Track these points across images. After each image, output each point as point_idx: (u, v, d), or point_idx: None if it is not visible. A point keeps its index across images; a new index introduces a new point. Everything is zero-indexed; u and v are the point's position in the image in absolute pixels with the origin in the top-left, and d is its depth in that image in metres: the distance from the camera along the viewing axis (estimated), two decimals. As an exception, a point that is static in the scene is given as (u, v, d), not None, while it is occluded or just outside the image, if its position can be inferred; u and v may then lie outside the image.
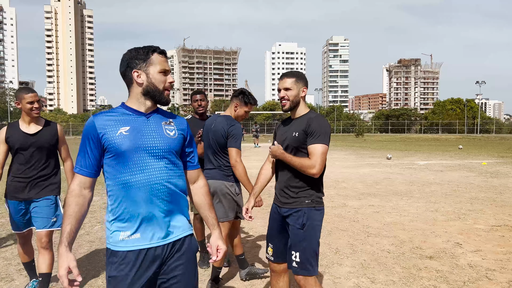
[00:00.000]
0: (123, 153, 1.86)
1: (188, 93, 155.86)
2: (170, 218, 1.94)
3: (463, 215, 6.96)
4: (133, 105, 1.96)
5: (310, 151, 2.66)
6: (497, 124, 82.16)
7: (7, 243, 5.44)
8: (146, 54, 1.93)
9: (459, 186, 10.29)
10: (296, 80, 2.83)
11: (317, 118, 2.75)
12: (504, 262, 4.58)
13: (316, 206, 2.75)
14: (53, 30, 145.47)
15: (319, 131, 2.67)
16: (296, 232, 2.72)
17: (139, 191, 1.86)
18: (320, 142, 2.65)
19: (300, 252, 2.70)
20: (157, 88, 1.94)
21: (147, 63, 1.93)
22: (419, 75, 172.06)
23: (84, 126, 1.95)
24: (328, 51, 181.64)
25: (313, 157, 2.64)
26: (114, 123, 1.89)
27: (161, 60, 1.95)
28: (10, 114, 71.15)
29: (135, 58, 1.93)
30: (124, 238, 1.87)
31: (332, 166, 15.35)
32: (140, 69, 1.92)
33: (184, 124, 2.10)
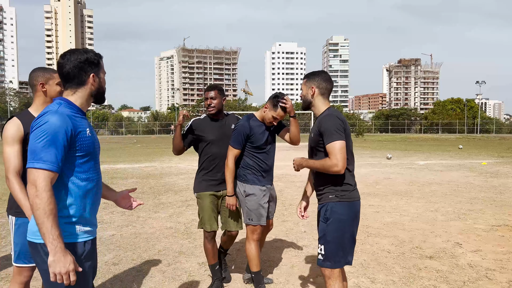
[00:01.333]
0: (91, 153, 2.05)
1: (188, 93, 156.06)
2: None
3: (463, 215, 6.96)
4: (81, 105, 2.09)
5: (328, 151, 2.72)
6: (497, 124, 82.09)
7: (7, 243, 5.43)
8: (96, 61, 2.11)
9: (459, 186, 10.29)
10: (306, 80, 2.98)
11: (324, 117, 2.82)
12: (504, 262, 4.58)
13: (341, 200, 2.79)
14: (53, 30, 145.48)
15: (329, 130, 2.72)
16: (321, 226, 2.84)
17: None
18: (333, 140, 2.69)
19: (324, 245, 2.79)
20: (103, 88, 2.17)
21: (98, 68, 2.12)
22: (419, 75, 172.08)
23: (54, 120, 1.89)
24: (328, 51, 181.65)
25: (332, 155, 2.69)
26: (81, 123, 2.03)
27: (103, 65, 2.17)
28: (10, 114, 71.11)
29: (89, 61, 2.09)
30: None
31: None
32: (95, 73, 2.10)
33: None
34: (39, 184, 1.81)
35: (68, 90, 2.07)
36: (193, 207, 7.71)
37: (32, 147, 1.87)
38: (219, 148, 3.73)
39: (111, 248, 5.09)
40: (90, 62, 2.08)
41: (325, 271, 2.80)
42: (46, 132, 1.86)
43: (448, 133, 70.96)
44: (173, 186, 10.47)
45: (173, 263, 4.57)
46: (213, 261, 3.85)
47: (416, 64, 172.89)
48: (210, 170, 3.76)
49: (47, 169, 1.83)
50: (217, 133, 3.76)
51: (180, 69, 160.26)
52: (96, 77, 2.10)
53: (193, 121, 3.90)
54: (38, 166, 1.83)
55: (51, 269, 1.81)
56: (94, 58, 2.10)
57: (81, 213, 2.01)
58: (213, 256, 3.84)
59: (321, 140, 2.79)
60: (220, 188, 3.76)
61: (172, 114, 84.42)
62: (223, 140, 3.73)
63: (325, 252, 2.78)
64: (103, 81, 2.16)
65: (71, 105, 2.04)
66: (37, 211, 1.79)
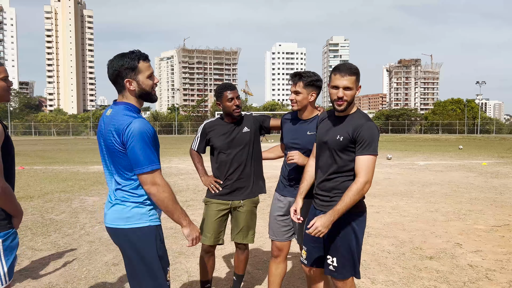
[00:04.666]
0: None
1: (188, 93, 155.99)
2: None
3: (463, 216, 6.96)
4: (137, 104, 2.31)
5: (361, 163, 2.46)
6: (497, 124, 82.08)
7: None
8: (135, 65, 2.22)
9: (459, 186, 10.29)
10: (356, 78, 2.55)
11: (367, 125, 2.51)
12: (504, 262, 4.58)
13: (358, 211, 2.58)
14: (53, 30, 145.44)
15: (370, 140, 2.47)
16: (332, 237, 2.60)
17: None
18: (371, 153, 2.46)
19: (337, 257, 2.60)
20: (146, 90, 2.28)
21: (138, 72, 2.23)
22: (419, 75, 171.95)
23: (145, 129, 2.16)
24: (328, 51, 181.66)
25: (364, 170, 2.45)
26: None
27: (147, 66, 2.25)
28: (10, 114, 71.11)
29: (124, 67, 2.21)
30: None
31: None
32: (131, 77, 2.23)
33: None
34: (159, 182, 2.19)
35: (119, 93, 2.30)
36: (193, 207, 7.71)
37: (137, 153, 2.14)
38: (227, 155, 3.37)
39: (111, 248, 5.09)
40: (125, 68, 2.21)
41: (338, 283, 2.64)
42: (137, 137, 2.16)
43: (448, 134, 70.93)
44: (173, 186, 10.47)
45: (173, 263, 4.57)
46: (205, 278, 3.51)
47: (416, 65, 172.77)
48: (220, 178, 3.42)
49: (158, 168, 2.20)
50: (224, 138, 3.38)
51: (180, 69, 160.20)
52: (133, 82, 2.23)
53: (205, 124, 3.54)
54: (151, 168, 2.16)
55: (190, 237, 2.31)
56: (130, 63, 2.21)
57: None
58: (206, 272, 3.49)
59: (350, 146, 2.53)
60: (230, 199, 3.40)
61: (172, 114, 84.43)
62: (231, 146, 3.36)
63: (337, 265, 2.60)
64: (143, 83, 2.25)
65: (130, 107, 2.26)
66: (169, 202, 2.22)
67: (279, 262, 3.20)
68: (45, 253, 5.00)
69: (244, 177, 3.40)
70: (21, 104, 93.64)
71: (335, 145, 2.57)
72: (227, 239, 3.86)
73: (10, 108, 75.70)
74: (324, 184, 2.65)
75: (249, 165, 3.40)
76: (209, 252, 3.45)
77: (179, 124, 77.88)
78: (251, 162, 3.41)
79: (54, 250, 5.11)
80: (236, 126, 3.40)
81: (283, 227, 3.18)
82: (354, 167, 2.54)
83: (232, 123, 3.42)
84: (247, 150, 3.39)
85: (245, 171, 3.39)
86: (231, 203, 3.41)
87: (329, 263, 2.63)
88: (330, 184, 2.62)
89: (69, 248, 5.20)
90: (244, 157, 3.38)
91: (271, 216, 3.25)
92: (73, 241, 5.52)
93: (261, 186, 3.53)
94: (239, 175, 3.38)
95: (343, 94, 2.52)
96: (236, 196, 3.40)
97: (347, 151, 2.55)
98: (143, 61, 2.23)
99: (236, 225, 3.45)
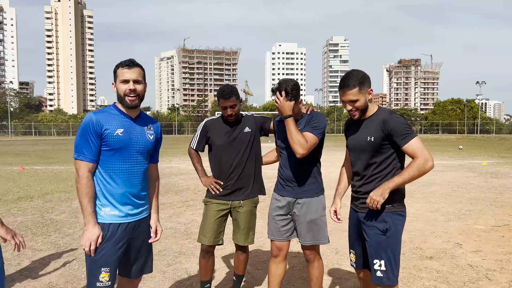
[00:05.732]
0: (118, 148, 2.41)
1: (188, 93, 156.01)
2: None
3: (463, 216, 6.96)
4: (121, 108, 2.50)
5: (411, 149, 2.47)
6: (497, 124, 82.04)
7: (7, 243, 5.43)
8: (115, 70, 2.45)
9: (459, 186, 10.29)
10: (359, 88, 2.56)
11: (390, 118, 2.54)
12: (504, 262, 4.58)
13: (398, 210, 2.58)
14: (53, 30, 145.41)
15: (402, 128, 2.50)
16: (378, 240, 2.55)
17: (122, 176, 2.44)
18: (413, 137, 2.48)
19: (384, 260, 2.54)
20: (120, 95, 2.44)
21: (115, 76, 2.45)
22: (419, 75, 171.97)
23: (84, 120, 2.37)
24: (328, 51, 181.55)
25: (419, 151, 2.45)
26: (113, 123, 2.42)
27: (121, 72, 2.42)
28: (10, 114, 71.11)
29: (114, 73, 2.47)
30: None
31: (332, 166, 15.33)
32: (114, 82, 2.47)
33: (159, 128, 2.69)
34: (79, 173, 2.35)
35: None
36: (193, 207, 7.71)
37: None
38: (227, 155, 3.33)
39: (111, 249, 5.08)
40: (114, 72, 2.46)
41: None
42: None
43: (448, 134, 70.93)
44: (173, 186, 10.47)
45: (173, 264, 4.57)
46: (204, 278, 3.49)
47: (416, 65, 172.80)
48: (220, 178, 3.39)
49: (81, 159, 2.38)
50: (225, 138, 3.35)
51: (180, 69, 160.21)
52: (114, 86, 2.47)
53: (206, 121, 3.50)
54: (75, 156, 2.38)
55: (81, 241, 2.36)
56: (114, 69, 2.46)
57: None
58: (206, 272, 3.47)
59: (385, 143, 2.55)
60: (230, 199, 3.37)
61: (172, 114, 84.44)
62: (232, 146, 3.33)
63: (386, 268, 2.52)
64: (118, 88, 2.44)
65: (112, 107, 2.50)
66: (80, 195, 2.37)
67: (279, 262, 3.19)
68: (45, 253, 5.01)
69: (244, 178, 3.38)
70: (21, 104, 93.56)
71: (368, 147, 2.60)
72: (227, 240, 3.86)
73: (10, 108, 75.68)
74: (364, 187, 2.66)
75: (249, 166, 3.39)
76: (208, 252, 3.42)
77: (179, 124, 77.87)
78: (251, 162, 3.40)
79: (54, 250, 5.11)
80: (237, 126, 3.38)
81: (282, 227, 3.16)
82: (390, 164, 2.59)
83: (233, 122, 3.39)
84: (248, 150, 3.37)
85: (245, 172, 3.37)
86: (231, 204, 3.39)
87: (376, 268, 2.55)
88: (370, 186, 2.63)
89: (69, 248, 5.20)
90: (245, 157, 3.36)
91: (270, 216, 3.23)
92: (73, 241, 5.52)
93: (261, 187, 3.52)
94: (239, 176, 3.35)
95: (351, 107, 2.61)
96: (236, 196, 3.38)
97: (381, 149, 2.57)
98: (121, 68, 2.42)
99: (237, 226, 3.44)
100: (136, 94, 2.43)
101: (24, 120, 78.23)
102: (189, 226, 6.28)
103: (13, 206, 7.86)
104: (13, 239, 2.28)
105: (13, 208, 7.72)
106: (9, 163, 17.51)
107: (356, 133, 2.69)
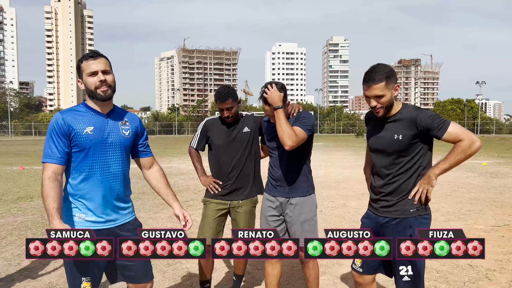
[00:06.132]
0: (89, 148, 2.25)
1: (188, 93, 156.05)
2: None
3: (463, 216, 6.96)
4: (91, 105, 2.33)
5: (453, 136, 2.37)
6: (497, 124, 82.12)
7: (7, 243, 5.44)
8: (78, 66, 2.30)
9: (459, 186, 10.29)
10: (386, 82, 2.42)
11: (420, 113, 2.44)
12: (504, 262, 4.59)
13: (422, 214, 2.47)
14: (53, 30, 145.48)
15: (435, 120, 2.40)
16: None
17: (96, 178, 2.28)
18: (448, 125, 2.38)
19: (412, 265, 2.42)
20: (90, 89, 2.27)
21: (80, 72, 2.30)
22: (419, 75, 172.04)
23: (51, 121, 2.25)
24: (328, 51, 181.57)
25: (462, 135, 2.37)
26: (81, 121, 2.26)
27: (87, 65, 2.26)
28: (10, 114, 71.12)
29: (77, 69, 2.32)
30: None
31: (332, 166, 15.34)
32: (81, 78, 2.31)
33: (137, 122, 2.50)
34: (44, 175, 2.22)
35: None
36: (193, 207, 7.71)
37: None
38: (226, 155, 3.34)
39: (111, 249, 5.08)
40: (77, 69, 2.32)
41: None
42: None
43: (448, 134, 70.89)
44: (173, 186, 10.41)
45: (173, 264, 4.57)
46: (204, 278, 3.50)
47: (416, 65, 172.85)
48: (219, 178, 3.40)
49: (47, 162, 2.25)
50: (224, 138, 3.35)
51: (180, 69, 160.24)
52: (81, 82, 2.32)
53: (206, 121, 3.52)
54: (43, 160, 2.25)
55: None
56: (76, 65, 2.32)
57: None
58: (205, 272, 3.48)
59: (416, 141, 2.44)
60: (229, 199, 3.39)
61: (172, 114, 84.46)
62: (231, 146, 3.33)
63: (413, 273, 2.43)
64: (88, 83, 2.27)
65: (81, 105, 2.35)
66: (43, 196, 2.19)
67: (274, 262, 3.15)
68: (45, 253, 5.00)
69: (243, 178, 3.38)
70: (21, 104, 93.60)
71: (395, 145, 2.47)
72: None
73: (10, 108, 75.68)
74: (386, 188, 2.54)
75: (248, 165, 3.39)
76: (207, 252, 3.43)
77: (179, 124, 77.89)
78: (250, 162, 3.40)
79: None
80: (236, 126, 3.38)
81: (276, 228, 3.12)
82: (415, 163, 2.48)
83: (232, 122, 3.38)
84: (247, 150, 3.37)
85: (244, 171, 3.37)
86: (229, 203, 3.40)
87: (403, 274, 2.44)
88: (392, 187, 2.52)
89: (69, 248, 5.19)
90: (244, 157, 3.36)
91: (262, 216, 3.20)
92: (73, 241, 5.51)
93: (260, 187, 3.51)
94: (238, 175, 3.35)
95: (376, 103, 2.46)
96: (235, 196, 3.39)
97: (409, 147, 2.46)
98: (86, 61, 2.26)
99: (236, 226, 3.44)
100: (107, 84, 2.26)
101: (24, 120, 78.29)
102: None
103: (13, 206, 7.87)
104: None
105: (13, 208, 7.73)
106: (9, 163, 17.52)
107: (381, 132, 2.56)
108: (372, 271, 2.68)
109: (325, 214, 6.99)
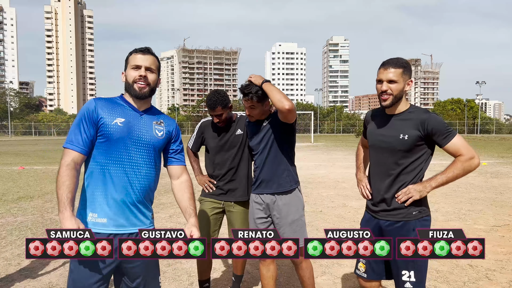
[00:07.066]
0: (115, 140, 2.09)
1: (188, 93, 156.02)
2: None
3: (463, 215, 6.96)
4: (128, 99, 2.21)
5: (455, 148, 2.39)
6: (497, 124, 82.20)
7: (7, 243, 5.44)
8: (127, 58, 2.20)
9: (459, 186, 10.28)
10: (403, 71, 2.38)
11: (430, 117, 2.39)
12: (504, 262, 4.59)
13: (424, 216, 2.44)
14: (53, 30, 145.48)
15: (443, 127, 2.37)
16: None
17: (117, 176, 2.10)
18: (453, 136, 2.37)
19: (415, 271, 2.39)
20: (128, 82, 2.16)
21: (126, 64, 2.20)
22: (419, 75, 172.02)
23: (84, 106, 2.12)
24: (328, 51, 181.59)
25: (463, 149, 2.36)
26: (114, 111, 2.13)
27: (134, 58, 2.16)
28: (10, 114, 71.12)
29: (125, 60, 2.22)
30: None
31: (332, 167, 15.34)
32: (125, 70, 2.21)
33: (173, 125, 2.35)
34: (61, 161, 2.10)
35: None
36: (193, 207, 7.70)
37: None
38: (220, 157, 3.38)
39: (111, 249, 5.08)
40: (125, 60, 2.21)
41: None
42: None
43: (448, 134, 70.91)
44: (173, 186, 10.46)
45: (173, 264, 4.57)
46: (202, 277, 3.52)
47: (416, 65, 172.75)
48: (213, 179, 3.45)
49: (68, 148, 2.14)
50: (217, 141, 3.39)
51: (180, 69, 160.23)
52: (124, 75, 2.21)
53: (202, 123, 3.56)
54: (64, 144, 2.13)
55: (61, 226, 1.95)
56: (127, 56, 2.20)
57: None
58: (203, 270, 3.51)
59: (420, 143, 2.40)
60: (223, 199, 3.42)
61: (172, 114, 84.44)
62: (223, 149, 3.37)
63: (416, 279, 2.39)
64: (128, 76, 2.17)
65: (119, 98, 2.24)
66: (56, 183, 2.05)
67: (269, 264, 3.12)
68: (45, 253, 5.00)
69: (237, 179, 3.40)
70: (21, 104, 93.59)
71: (399, 145, 2.40)
72: (227, 239, 3.86)
73: (10, 108, 75.68)
74: (387, 190, 2.47)
75: (241, 168, 3.40)
76: None
77: (179, 124, 77.92)
78: (244, 164, 3.41)
79: (54, 250, 5.10)
80: (229, 129, 3.40)
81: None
82: (416, 169, 2.43)
83: (225, 126, 3.39)
84: (240, 152, 3.38)
85: (238, 174, 3.39)
86: (223, 203, 3.44)
87: (405, 279, 2.40)
88: (393, 189, 2.45)
89: (69, 248, 5.19)
90: (237, 160, 3.38)
91: (251, 219, 3.17)
92: (73, 241, 5.51)
93: None
94: (231, 177, 3.39)
95: (387, 87, 2.38)
96: (228, 197, 3.42)
97: (413, 149, 2.41)
98: (134, 53, 2.16)
99: (232, 226, 3.46)
100: (147, 82, 2.13)
101: (24, 120, 78.31)
102: (189, 226, 6.28)
103: (13, 206, 7.87)
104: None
105: (13, 208, 7.72)
106: (9, 163, 17.51)
107: (386, 129, 2.47)
108: (377, 276, 2.63)
109: (325, 214, 7.00)
